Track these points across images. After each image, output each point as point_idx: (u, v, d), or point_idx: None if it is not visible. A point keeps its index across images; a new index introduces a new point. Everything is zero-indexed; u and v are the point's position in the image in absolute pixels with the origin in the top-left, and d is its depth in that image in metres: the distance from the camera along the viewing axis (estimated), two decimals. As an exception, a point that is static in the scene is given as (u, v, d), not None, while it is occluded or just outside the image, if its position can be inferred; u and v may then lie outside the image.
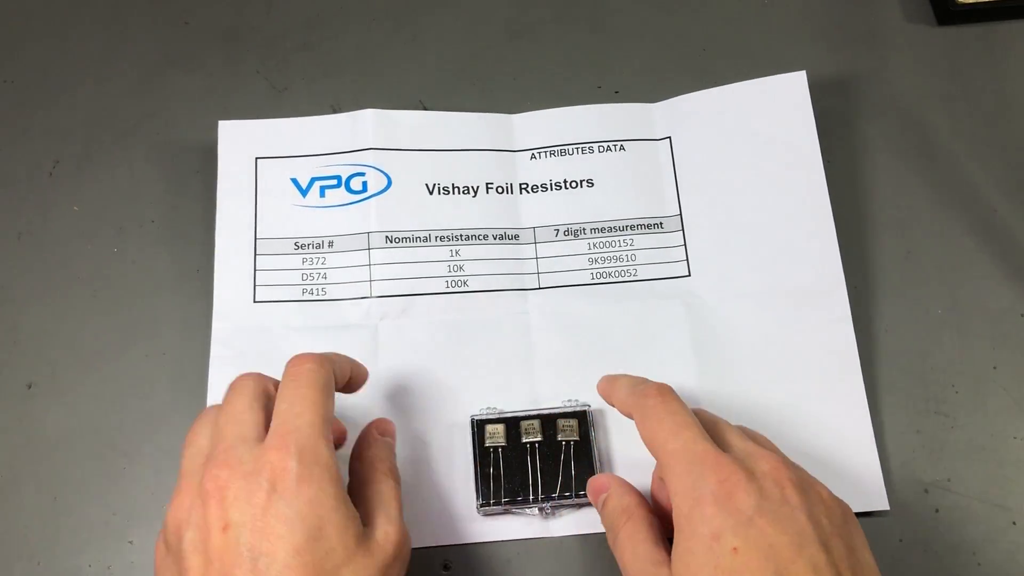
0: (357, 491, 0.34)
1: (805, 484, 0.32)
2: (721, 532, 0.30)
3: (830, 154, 0.45)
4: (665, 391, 0.35)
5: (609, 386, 0.39)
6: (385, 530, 0.32)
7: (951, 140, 0.47)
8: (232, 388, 0.34)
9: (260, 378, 0.34)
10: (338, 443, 0.38)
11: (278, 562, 0.28)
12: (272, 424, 0.32)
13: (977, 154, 0.46)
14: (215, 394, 0.41)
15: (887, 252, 0.44)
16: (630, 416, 0.36)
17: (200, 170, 0.46)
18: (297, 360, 0.34)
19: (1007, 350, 0.42)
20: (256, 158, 0.45)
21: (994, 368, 0.42)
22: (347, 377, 0.36)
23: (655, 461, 0.34)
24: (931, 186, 0.46)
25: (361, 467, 0.35)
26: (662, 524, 0.35)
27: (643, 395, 0.35)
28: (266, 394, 0.33)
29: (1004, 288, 0.44)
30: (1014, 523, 0.39)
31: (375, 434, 0.37)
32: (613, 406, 0.38)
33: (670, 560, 0.32)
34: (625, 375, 0.39)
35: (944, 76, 0.49)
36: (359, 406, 0.41)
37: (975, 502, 0.39)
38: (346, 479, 0.34)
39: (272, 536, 0.29)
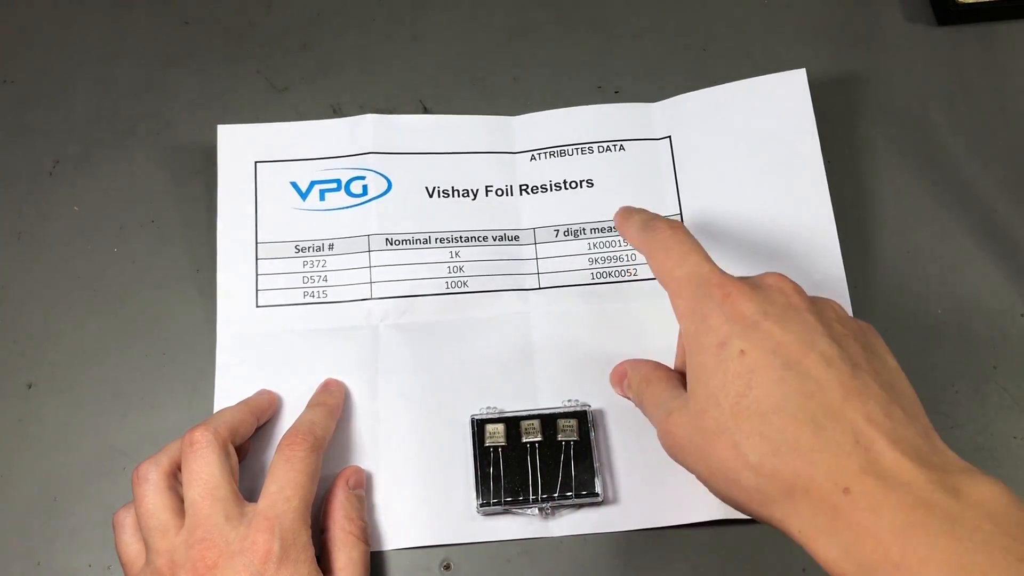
0: (331, 553, 0.36)
1: (814, 297, 0.32)
2: (727, 339, 0.30)
3: (830, 154, 0.45)
4: (675, 224, 0.36)
5: (624, 221, 0.39)
6: None
7: (951, 140, 0.47)
8: (190, 462, 0.36)
9: (169, 462, 0.36)
10: (241, 457, 0.39)
11: None
12: (261, 503, 0.34)
13: (977, 154, 0.46)
14: (222, 401, 0.41)
15: (887, 252, 0.44)
16: (641, 252, 0.37)
17: (200, 170, 0.46)
18: (292, 443, 0.36)
19: (1007, 350, 0.42)
20: (256, 162, 0.45)
21: (994, 368, 0.42)
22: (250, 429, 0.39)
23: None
24: (931, 186, 0.46)
25: (333, 528, 0.37)
26: (682, 377, 0.35)
27: (653, 229, 0.36)
28: (172, 485, 0.36)
29: (1004, 288, 0.44)
30: (1014, 523, 0.39)
31: (346, 489, 0.38)
32: (625, 239, 0.39)
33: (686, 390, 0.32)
34: (640, 210, 0.39)
35: (944, 76, 0.49)
36: (359, 408, 0.41)
37: (975, 502, 0.39)
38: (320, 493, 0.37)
39: None
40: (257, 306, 0.43)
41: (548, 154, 0.46)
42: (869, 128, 0.47)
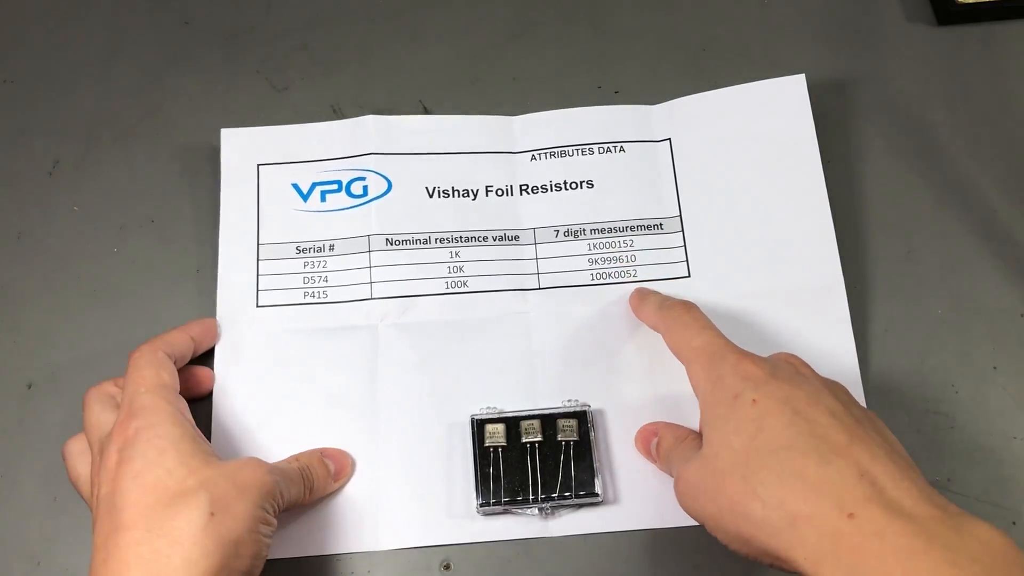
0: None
1: (825, 377, 0.35)
2: (740, 391, 0.33)
3: (830, 154, 0.45)
4: (690, 304, 0.39)
5: (640, 302, 0.42)
6: (249, 460, 0.35)
7: (951, 140, 0.47)
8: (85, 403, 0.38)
9: (101, 388, 0.38)
10: (203, 393, 0.41)
11: (121, 490, 0.33)
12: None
13: (977, 154, 0.46)
14: (221, 400, 0.41)
15: (887, 252, 0.44)
16: (657, 330, 0.40)
17: (200, 170, 0.46)
18: (131, 353, 0.38)
19: (1007, 350, 0.42)
20: (258, 164, 0.45)
21: (994, 368, 0.42)
22: (189, 349, 0.40)
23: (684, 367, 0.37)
24: (931, 186, 0.46)
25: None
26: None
27: (670, 308, 0.39)
28: (109, 396, 0.38)
29: (1004, 288, 0.44)
30: (1014, 523, 0.39)
31: (317, 453, 0.39)
32: (641, 320, 0.42)
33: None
34: (655, 292, 0.42)
35: (944, 76, 0.49)
36: (359, 408, 0.41)
37: (975, 502, 0.39)
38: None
39: (121, 478, 0.33)
40: (258, 306, 0.43)
41: (548, 154, 0.46)
42: (869, 128, 0.47)
